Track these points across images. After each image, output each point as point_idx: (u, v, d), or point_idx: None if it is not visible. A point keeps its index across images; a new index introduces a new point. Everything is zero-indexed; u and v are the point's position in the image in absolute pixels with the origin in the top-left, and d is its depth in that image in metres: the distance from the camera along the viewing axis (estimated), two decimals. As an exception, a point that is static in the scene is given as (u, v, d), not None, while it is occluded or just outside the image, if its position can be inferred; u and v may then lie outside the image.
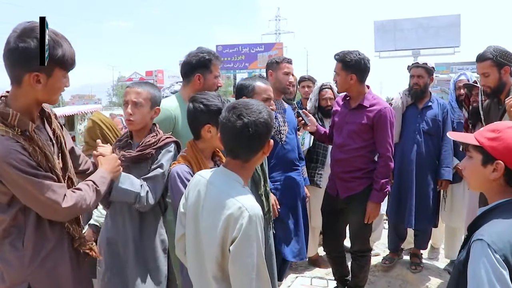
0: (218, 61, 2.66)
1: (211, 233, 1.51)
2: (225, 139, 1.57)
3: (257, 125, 1.51)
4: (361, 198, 3.01)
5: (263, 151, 1.59)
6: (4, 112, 1.52)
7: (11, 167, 1.49)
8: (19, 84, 1.54)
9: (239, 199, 1.48)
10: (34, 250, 1.63)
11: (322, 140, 3.42)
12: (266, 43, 31.03)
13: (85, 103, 37.58)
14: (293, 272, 4.10)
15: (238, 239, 1.43)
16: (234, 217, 1.45)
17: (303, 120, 3.22)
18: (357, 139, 2.99)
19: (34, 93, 1.56)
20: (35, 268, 1.63)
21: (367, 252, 3.21)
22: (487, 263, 1.24)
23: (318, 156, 3.99)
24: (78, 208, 1.65)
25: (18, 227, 1.61)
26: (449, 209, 3.93)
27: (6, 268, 1.60)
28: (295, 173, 3.22)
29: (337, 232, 3.28)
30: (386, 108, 2.96)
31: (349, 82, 2.96)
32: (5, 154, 1.48)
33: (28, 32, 1.47)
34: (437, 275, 3.83)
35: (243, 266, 1.44)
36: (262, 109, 1.55)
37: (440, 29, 27.25)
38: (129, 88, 2.24)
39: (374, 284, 3.76)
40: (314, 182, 3.93)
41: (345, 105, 3.14)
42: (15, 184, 1.53)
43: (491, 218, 1.38)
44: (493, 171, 1.40)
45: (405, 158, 3.63)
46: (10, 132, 1.52)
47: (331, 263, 3.45)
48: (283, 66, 3.24)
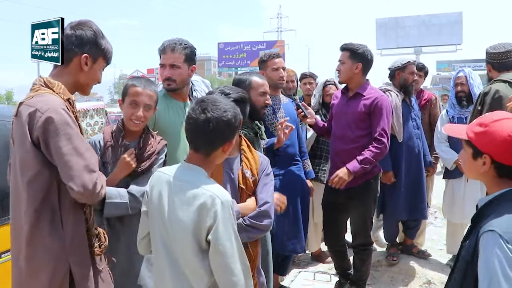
0: (162, 52, 2.57)
1: (182, 226, 1.52)
2: (187, 130, 1.61)
3: (219, 123, 1.55)
4: (361, 191, 3.04)
5: (223, 149, 1.62)
6: (51, 81, 1.71)
7: (64, 115, 1.60)
8: (67, 64, 1.75)
9: (208, 188, 1.52)
10: (73, 232, 1.67)
11: (321, 133, 3.44)
12: (268, 41, 31.08)
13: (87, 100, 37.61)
14: (296, 267, 4.12)
15: (215, 226, 1.47)
16: (207, 206, 1.48)
17: (303, 112, 3.26)
18: (355, 128, 3.02)
19: (78, 74, 1.77)
20: (75, 250, 1.67)
21: (369, 246, 3.24)
22: (500, 254, 1.26)
23: (322, 152, 4.02)
24: (100, 193, 1.66)
25: (52, 209, 1.64)
26: (450, 204, 3.97)
27: (48, 250, 1.63)
28: (295, 167, 3.22)
29: (337, 225, 3.30)
30: (382, 97, 3.02)
31: (353, 71, 3.01)
32: (59, 104, 1.62)
33: (83, 23, 1.78)
34: (440, 270, 3.85)
35: (224, 251, 1.48)
36: (229, 109, 1.59)
37: (442, 26, 27.22)
38: (140, 89, 2.18)
39: (377, 279, 3.79)
40: (318, 178, 3.95)
41: (343, 96, 3.19)
42: (61, 135, 1.58)
43: (495, 209, 1.40)
44: (483, 165, 1.44)
45: (412, 154, 3.74)
46: (57, 96, 1.67)
47: (333, 257, 3.48)
48: (270, 62, 3.23)
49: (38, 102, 1.61)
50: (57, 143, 1.58)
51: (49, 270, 1.62)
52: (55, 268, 1.63)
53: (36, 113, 1.58)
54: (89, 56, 1.75)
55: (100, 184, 1.65)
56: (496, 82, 2.88)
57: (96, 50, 1.77)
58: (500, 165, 1.41)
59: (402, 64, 3.78)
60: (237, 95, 2.06)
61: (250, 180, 2.05)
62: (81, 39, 1.74)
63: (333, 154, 3.21)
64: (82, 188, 1.58)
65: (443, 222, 5.23)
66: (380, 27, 28.56)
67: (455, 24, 27.08)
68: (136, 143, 2.20)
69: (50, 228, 1.63)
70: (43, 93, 1.65)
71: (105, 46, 1.82)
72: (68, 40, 1.73)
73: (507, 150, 1.39)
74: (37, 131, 1.58)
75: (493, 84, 2.88)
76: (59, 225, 1.65)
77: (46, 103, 1.60)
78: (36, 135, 1.58)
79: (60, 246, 1.64)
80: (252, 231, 1.94)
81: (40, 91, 1.66)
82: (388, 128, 3.02)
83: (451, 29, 27.00)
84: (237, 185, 2.04)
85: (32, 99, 1.63)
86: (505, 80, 2.84)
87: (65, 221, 1.66)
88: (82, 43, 1.74)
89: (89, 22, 1.79)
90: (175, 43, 2.56)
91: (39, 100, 1.61)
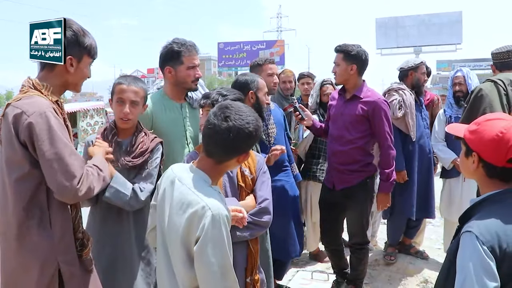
0: (192, 51, 2.56)
1: (175, 231, 1.50)
2: (205, 134, 1.56)
3: (240, 133, 1.50)
4: (357, 191, 3.06)
5: (238, 159, 1.58)
6: (39, 83, 1.73)
7: (50, 119, 1.61)
8: (51, 68, 1.77)
9: (203, 198, 1.46)
10: (62, 231, 1.69)
11: (319, 134, 3.47)
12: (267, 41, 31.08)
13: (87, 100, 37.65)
14: (294, 266, 4.13)
15: (201, 239, 1.41)
16: (198, 216, 1.43)
17: (300, 114, 3.27)
18: (353, 130, 3.04)
19: (65, 75, 1.79)
20: (63, 249, 1.69)
21: (365, 245, 3.25)
22: (474, 254, 1.29)
23: (320, 152, 4.03)
24: (86, 193, 1.68)
25: (41, 208, 1.66)
26: (447, 203, 3.99)
27: (36, 248, 1.65)
28: (283, 174, 3.19)
29: (334, 224, 3.32)
30: (380, 99, 3.04)
31: (349, 73, 3.02)
32: (46, 107, 1.63)
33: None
34: (437, 269, 3.84)
35: (207, 266, 1.42)
36: (252, 121, 1.54)
37: (442, 26, 27.25)
38: (125, 86, 2.20)
39: (375, 278, 3.80)
40: (316, 178, 3.98)
41: (340, 97, 3.20)
42: (44, 139, 1.59)
43: (480, 210, 1.43)
44: (473, 163, 1.46)
45: (423, 153, 3.80)
46: (45, 98, 1.68)
47: (330, 256, 3.50)
48: (266, 67, 3.22)
49: (25, 105, 1.62)
50: (41, 147, 1.59)
51: (37, 268, 1.64)
52: (43, 267, 1.65)
53: (22, 115, 1.60)
54: (73, 57, 1.76)
55: (85, 186, 1.66)
56: (486, 82, 2.94)
57: (79, 50, 1.78)
58: (489, 164, 1.43)
59: (415, 64, 3.82)
60: (234, 96, 2.09)
61: (248, 178, 2.08)
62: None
63: (330, 154, 3.23)
64: (60, 193, 1.62)
65: (441, 222, 5.24)
66: (380, 27, 28.61)
67: (455, 24, 27.11)
68: (128, 141, 2.23)
69: (38, 227, 1.66)
70: (31, 95, 1.66)
71: (88, 43, 1.81)
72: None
73: (494, 149, 1.40)
74: (23, 134, 1.60)
75: (483, 83, 2.95)
76: (47, 224, 1.68)
77: (32, 105, 1.61)
78: (23, 137, 1.61)
79: (49, 244, 1.66)
80: (254, 228, 1.98)
81: (28, 93, 1.68)
82: (391, 130, 3.06)
83: (451, 28, 27.04)
84: (236, 183, 2.07)
85: (20, 101, 1.64)
86: (492, 80, 2.89)
87: (53, 220, 1.68)
88: (65, 45, 1.75)
89: (69, 23, 1.78)
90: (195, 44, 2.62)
91: (26, 103, 1.63)
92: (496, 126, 1.41)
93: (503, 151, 1.38)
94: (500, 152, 1.39)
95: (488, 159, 1.42)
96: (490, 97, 2.77)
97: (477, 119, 1.51)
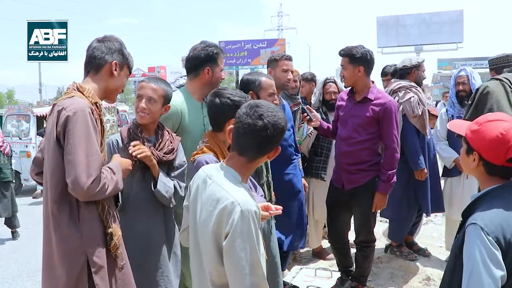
0: (223, 54, 2.76)
1: (206, 228, 1.53)
2: (238, 134, 1.57)
3: (275, 129, 1.54)
4: (365, 190, 3.10)
5: (269, 155, 1.61)
6: (82, 86, 1.91)
7: (84, 117, 1.76)
8: (97, 72, 1.97)
9: (232, 193, 1.48)
10: (89, 225, 1.82)
11: (326, 134, 3.51)
12: (268, 39, 31.01)
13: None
14: (297, 264, 4.19)
15: (230, 234, 1.43)
16: (227, 212, 1.45)
17: (308, 115, 3.32)
18: (362, 132, 3.08)
19: (108, 80, 1.99)
20: (91, 242, 1.81)
21: (372, 243, 3.30)
22: (480, 245, 1.35)
23: (322, 150, 4.07)
24: (97, 193, 1.77)
25: (70, 203, 1.80)
26: (448, 202, 4.03)
27: (67, 241, 1.79)
28: (291, 167, 3.28)
29: (341, 223, 3.37)
30: (391, 101, 3.08)
31: (356, 75, 3.05)
32: (83, 106, 1.79)
33: (109, 37, 2.04)
34: (439, 267, 3.90)
35: (236, 261, 1.44)
36: (281, 116, 1.59)
37: (443, 24, 27.19)
38: (145, 83, 2.35)
39: (377, 275, 3.84)
40: (319, 176, 4.02)
41: (349, 99, 3.23)
42: (73, 134, 1.73)
43: (482, 203, 1.49)
44: (473, 161, 1.52)
45: (430, 149, 3.89)
46: (85, 99, 1.86)
47: (336, 254, 3.54)
48: (281, 63, 3.28)
49: (66, 102, 1.81)
50: (68, 140, 1.74)
51: (67, 259, 1.78)
52: (73, 258, 1.78)
53: (62, 111, 1.78)
54: (117, 63, 1.99)
55: (98, 187, 1.75)
56: (490, 80, 2.96)
57: (123, 58, 2.02)
58: (489, 163, 1.49)
59: (418, 62, 3.87)
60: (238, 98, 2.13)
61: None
62: (109, 49, 1.99)
63: (338, 155, 3.27)
64: (74, 188, 1.73)
65: (442, 220, 5.29)
66: (381, 26, 28.57)
67: (456, 22, 27.07)
68: (154, 138, 2.36)
69: (69, 221, 1.79)
70: (74, 95, 1.85)
71: (128, 56, 2.06)
72: (99, 50, 1.97)
73: (494, 150, 1.46)
74: (59, 126, 1.77)
75: (488, 81, 2.96)
76: (76, 219, 1.81)
77: (72, 103, 1.80)
78: (58, 129, 1.77)
79: (78, 238, 1.79)
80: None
81: (71, 93, 1.87)
82: (398, 133, 3.10)
83: (452, 27, 27.00)
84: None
85: (63, 100, 1.84)
86: (498, 78, 2.91)
87: (81, 215, 1.81)
88: (111, 52, 1.98)
89: (114, 36, 2.05)
90: None
91: (68, 101, 1.82)
92: (497, 127, 1.47)
93: (503, 151, 1.45)
94: (500, 152, 1.45)
95: (489, 158, 1.48)
96: (496, 95, 2.77)
97: (478, 119, 1.56)
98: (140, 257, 2.26)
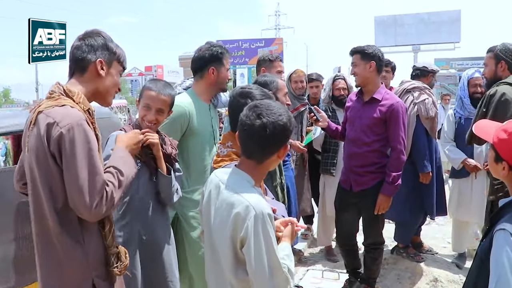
0: (228, 54, 2.75)
1: (222, 233, 1.52)
2: (241, 137, 1.58)
3: (275, 127, 1.51)
4: (374, 192, 3.09)
5: (278, 154, 1.59)
6: (70, 90, 1.66)
7: (81, 133, 1.54)
8: (82, 74, 1.73)
9: (246, 197, 1.47)
10: (96, 246, 1.65)
11: (334, 135, 3.51)
12: (266, 38, 30.92)
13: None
14: (304, 265, 4.18)
15: (247, 240, 1.44)
16: (242, 216, 1.45)
17: (315, 116, 3.31)
18: (370, 133, 3.07)
19: (96, 81, 1.74)
20: (97, 264, 1.65)
21: (380, 245, 3.30)
22: (509, 251, 1.33)
23: (330, 146, 4.14)
24: (106, 212, 1.59)
25: (70, 222, 1.59)
26: (456, 203, 4.02)
27: (70, 264, 1.60)
28: (284, 169, 3.23)
29: (350, 225, 3.36)
30: (398, 103, 3.06)
31: (368, 71, 3.04)
32: (78, 119, 1.56)
33: (90, 32, 1.78)
34: (446, 268, 3.90)
35: (256, 265, 1.44)
36: (283, 113, 1.56)
37: (441, 24, 27.20)
38: (154, 94, 2.20)
39: (384, 277, 3.84)
40: (328, 171, 4.10)
41: (358, 100, 3.23)
42: (71, 154, 1.52)
43: (510, 210, 1.46)
44: (502, 169, 1.51)
45: (438, 154, 3.91)
46: (77, 107, 1.62)
47: (344, 256, 3.53)
48: (276, 64, 3.31)
49: (58, 114, 1.55)
50: (68, 162, 1.53)
51: (75, 284, 1.62)
52: (80, 284, 1.62)
53: (54, 126, 1.53)
54: (103, 60, 1.74)
55: (105, 206, 1.56)
56: (501, 84, 2.89)
57: (109, 54, 1.77)
58: None
59: (436, 69, 3.97)
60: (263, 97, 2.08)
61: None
62: (91, 46, 1.74)
63: (346, 156, 3.26)
64: (80, 213, 1.56)
65: (445, 220, 5.29)
66: (379, 25, 28.54)
67: (453, 22, 27.07)
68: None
69: (71, 241, 1.59)
70: (64, 103, 1.59)
71: (116, 49, 1.81)
72: (80, 50, 1.72)
73: None
74: (53, 145, 1.54)
75: (498, 86, 2.89)
76: (80, 240, 1.61)
77: (65, 116, 1.54)
78: (52, 148, 1.54)
79: (85, 261, 1.62)
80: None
81: (60, 100, 1.60)
82: (405, 134, 3.09)
83: (450, 27, 27.00)
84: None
85: (52, 109, 1.57)
86: (510, 83, 2.86)
87: (86, 237, 1.63)
88: (94, 50, 1.73)
89: (96, 30, 1.80)
90: None
91: (59, 112, 1.56)
92: None
93: None
94: None
95: None
96: None
97: (506, 127, 1.53)
98: (147, 264, 2.19)
